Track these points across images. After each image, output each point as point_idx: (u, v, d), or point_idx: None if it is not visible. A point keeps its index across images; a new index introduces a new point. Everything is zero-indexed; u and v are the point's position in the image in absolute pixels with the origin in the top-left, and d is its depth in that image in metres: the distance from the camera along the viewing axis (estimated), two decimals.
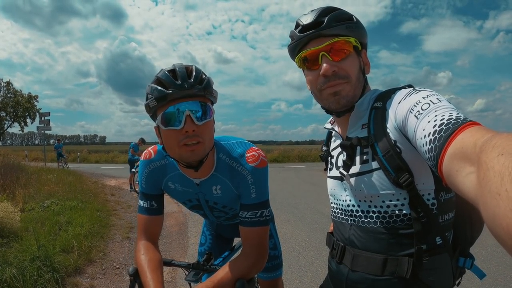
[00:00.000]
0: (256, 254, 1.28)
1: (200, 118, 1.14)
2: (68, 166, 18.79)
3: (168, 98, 1.11)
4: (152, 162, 1.40)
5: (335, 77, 1.03)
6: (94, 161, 30.91)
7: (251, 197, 1.30)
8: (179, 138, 1.13)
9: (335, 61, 1.03)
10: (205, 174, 1.34)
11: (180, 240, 5.57)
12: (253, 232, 1.29)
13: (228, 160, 1.32)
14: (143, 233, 1.39)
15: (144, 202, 1.42)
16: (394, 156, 0.94)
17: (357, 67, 1.06)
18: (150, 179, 1.41)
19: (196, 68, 1.18)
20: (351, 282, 1.08)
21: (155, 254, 1.33)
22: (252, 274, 1.27)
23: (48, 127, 20.84)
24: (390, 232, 0.99)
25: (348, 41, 1.04)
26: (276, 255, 1.84)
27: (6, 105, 32.34)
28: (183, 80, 1.11)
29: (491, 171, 0.45)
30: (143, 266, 1.26)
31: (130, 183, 11.05)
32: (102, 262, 4.41)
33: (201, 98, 1.15)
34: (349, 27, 1.04)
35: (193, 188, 1.40)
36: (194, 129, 1.12)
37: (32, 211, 6.27)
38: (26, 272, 3.34)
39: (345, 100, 1.05)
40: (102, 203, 8.08)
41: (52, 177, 10.99)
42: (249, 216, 1.30)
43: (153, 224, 1.41)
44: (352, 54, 1.05)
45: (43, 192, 8.19)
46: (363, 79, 1.09)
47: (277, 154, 29.52)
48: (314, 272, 4.10)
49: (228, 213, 1.54)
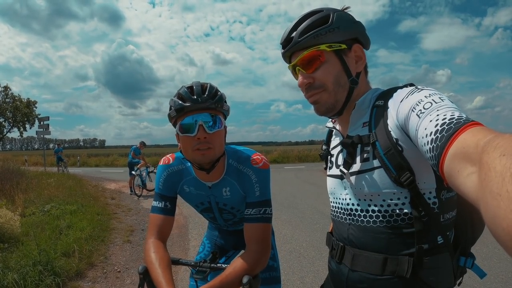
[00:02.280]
0: (260, 249, 1.38)
1: (211, 127, 1.32)
2: (68, 170, 18.76)
3: (185, 110, 1.31)
4: (170, 167, 1.56)
5: (310, 88, 1.07)
6: (94, 165, 30.83)
7: (255, 195, 1.45)
8: (193, 144, 1.32)
9: (310, 73, 1.05)
10: (216, 177, 1.51)
11: (181, 243, 5.57)
12: (257, 228, 1.41)
13: (236, 164, 1.50)
14: (155, 232, 1.47)
15: (158, 203, 1.53)
16: (395, 154, 0.93)
17: (334, 72, 1.04)
18: (167, 182, 1.55)
19: (210, 85, 1.37)
20: (351, 282, 1.07)
21: (164, 253, 1.39)
22: (257, 270, 1.35)
23: (48, 131, 20.78)
24: (390, 231, 0.99)
25: (319, 50, 1.03)
26: (274, 267, 1.87)
27: (4, 110, 32.28)
28: (198, 95, 1.31)
29: (492, 171, 0.45)
30: (154, 264, 1.32)
31: (130, 186, 11.01)
32: (103, 265, 4.41)
33: (213, 110, 1.34)
34: (319, 34, 1.02)
35: (205, 191, 1.56)
36: (206, 137, 1.31)
37: (33, 216, 6.26)
38: (27, 277, 3.34)
39: (324, 107, 1.08)
40: (103, 207, 8.07)
41: (52, 182, 10.98)
42: (253, 213, 1.43)
43: (165, 224, 1.50)
44: (327, 61, 1.04)
45: (43, 197, 8.16)
46: (348, 80, 1.06)
47: (277, 155, 29.54)
48: (315, 272, 4.10)
49: (236, 215, 1.66)
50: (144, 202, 9.71)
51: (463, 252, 1.08)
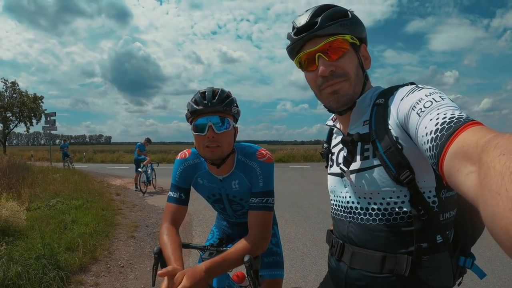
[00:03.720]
0: (261, 234, 1.51)
1: (219, 128, 1.49)
2: (73, 165, 18.90)
3: (197, 112, 1.49)
4: (187, 161, 1.74)
5: (333, 77, 1.04)
6: (99, 161, 31.02)
7: (259, 185, 1.60)
8: (204, 142, 1.50)
9: (332, 60, 1.03)
10: (226, 171, 1.68)
11: (184, 240, 5.57)
12: (259, 215, 1.55)
13: (243, 159, 1.67)
14: (169, 218, 1.64)
15: (174, 193, 1.70)
16: (395, 152, 0.93)
17: (355, 63, 1.05)
18: (183, 174, 1.73)
19: (221, 90, 1.55)
20: (350, 279, 1.08)
21: (176, 236, 1.55)
22: (257, 252, 1.46)
23: (54, 127, 20.93)
24: (389, 229, 0.99)
25: (344, 39, 1.03)
26: (278, 252, 2.03)
27: (12, 105, 32.54)
28: (209, 100, 1.49)
29: (492, 170, 0.45)
30: (166, 245, 1.47)
31: (136, 183, 11.09)
32: (107, 260, 4.44)
33: (222, 113, 1.51)
34: (344, 24, 1.03)
35: (217, 184, 1.74)
36: (214, 136, 1.48)
37: (38, 210, 6.33)
38: (31, 270, 3.37)
39: (344, 98, 1.05)
40: (107, 203, 8.13)
41: (58, 177, 11.08)
42: (257, 201, 1.57)
43: (179, 212, 1.67)
44: (349, 51, 1.05)
45: (49, 192, 8.26)
46: (363, 75, 1.08)
47: (282, 154, 29.55)
48: (317, 271, 4.10)
49: (244, 206, 1.81)
50: (149, 199, 9.76)
51: (463, 252, 1.07)
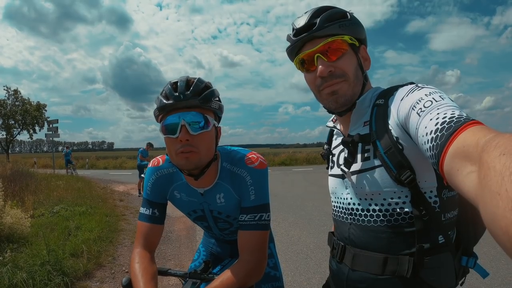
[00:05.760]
0: (254, 260, 1.24)
1: (196, 128, 1.16)
2: (76, 172, 18.92)
3: (166, 108, 1.16)
4: (160, 169, 1.41)
5: (331, 77, 1.04)
6: (102, 167, 31.11)
7: (250, 199, 1.30)
8: (176, 146, 1.17)
9: (331, 61, 1.03)
10: (208, 183, 1.35)
11: (189, 244, 5.59)
12: (252, 236, 1.27)
13: (229, 166, 1.34)
14: (141, 241, 1.37)
15: (146, 210, 1.40)
16: (396, 153, 0.93)
17: (354, 64, 1.06)
18: (156, 186, 1.41)
19: (198, 80, 1.21)
20: (351, 281, 1.07)
21: (150, 264, 1.29)
22: (251, 282, 1.23)
23: (57, 134, 21.01)
24: (391, 230, 0.98)
25: (343, 39, 1.03)
26: (277, 276, 1.69)
27: (14, 113, 32.65)
28: (180, 92, 1.15)
29: (492, 170, 0.45)
30: (137, 276, 1.22)
31: (139, 189, 11.12)
32: (111, 266, 4.45)
33: (199, 109, 1.18)
34: (343, 25, 1.04)
35: (198, 198, 1.40)
36: (188, 139, 1.15)
37: (42, 217, 6.35)
38: (36, 276, 3.38)
39: (343, 98, 1.05)
40: (111, 209, 8.14)
41: (61, 183, 11.08)
42: (247, 219, 1.28)
43: (153, 232, 1.38)
44: (348, 52, 1.05)
45: (53, 198, 8.26)
46: (362, 75, 1.08)
47: (285, 157, 29.57)
48: (322, 273, 4.08)
49: (233, 224, 1.49)
50: None
51: (465, 251, 1.06)
